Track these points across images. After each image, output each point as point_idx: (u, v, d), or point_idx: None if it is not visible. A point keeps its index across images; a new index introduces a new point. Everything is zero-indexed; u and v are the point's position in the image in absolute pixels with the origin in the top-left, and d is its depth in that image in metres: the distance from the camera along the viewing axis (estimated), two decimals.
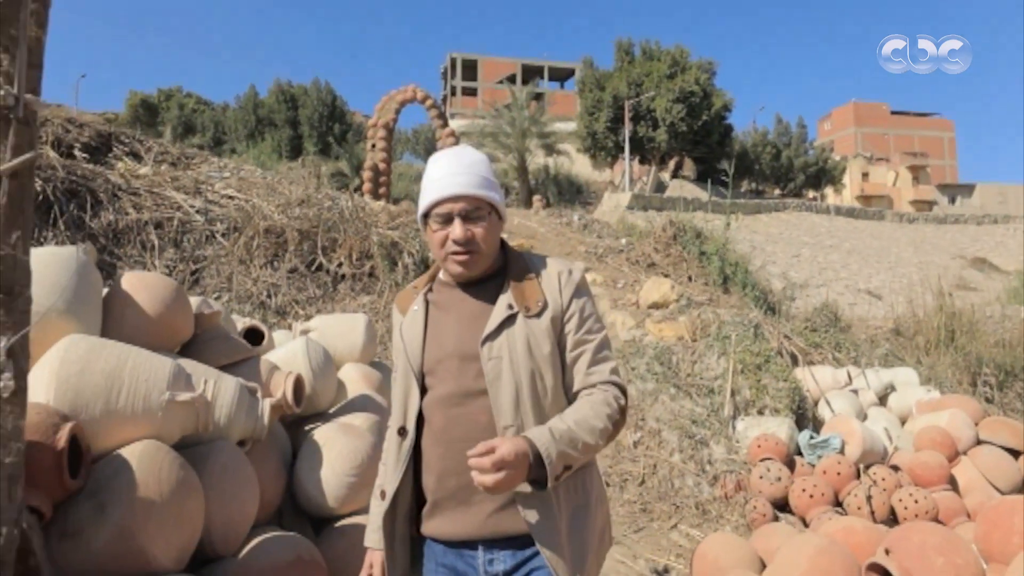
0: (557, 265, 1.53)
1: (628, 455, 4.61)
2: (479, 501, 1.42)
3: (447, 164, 1.50)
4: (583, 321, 1.47)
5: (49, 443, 1.71)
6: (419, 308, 1.56)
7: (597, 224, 14.63)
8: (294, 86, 36.71)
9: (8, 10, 1.49)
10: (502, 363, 1.42)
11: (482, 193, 1.46)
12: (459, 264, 1.48)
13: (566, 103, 46.91)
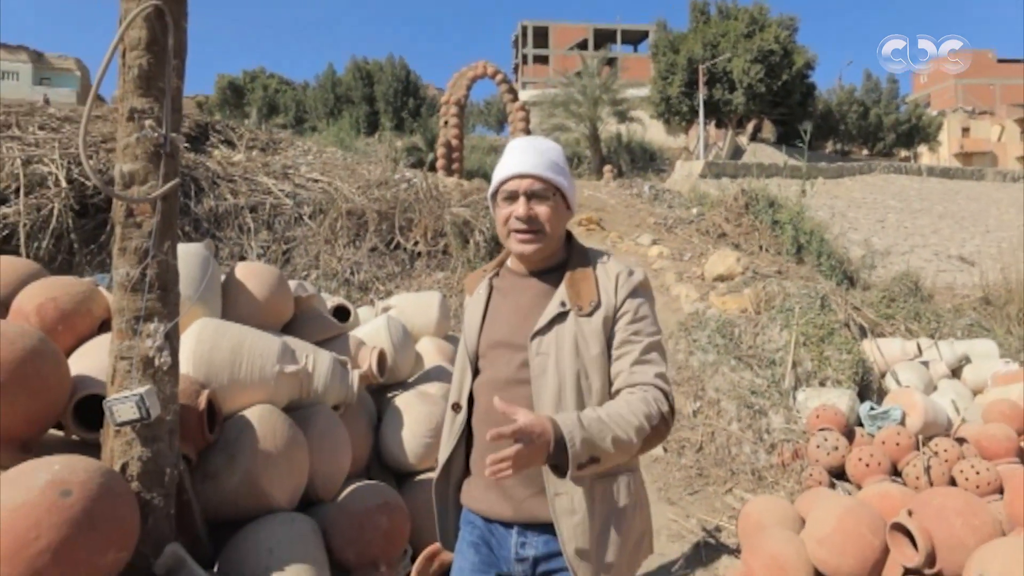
0: (618, 266, 1.51)
1: (687, 423, 4.84)
2: (511, 486, 1.43)
3: (520, 147, 1.53)
4: (634, 321, 1.44)
5: (193, 405, 2.16)
6: (482, 292, 1.59)
7: (668, 194, 14.53)
8: (369, 63, 37.55)
9: (156, 68, 1.89)
10: (548, 360, 1.41)
11: (549, 175, 1.47)
12: (521, 242, 1.48)
13: (639, 67, 45.80)
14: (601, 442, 1.26)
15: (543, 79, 45.35)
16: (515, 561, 1.45)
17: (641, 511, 1.48)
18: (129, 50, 1.90)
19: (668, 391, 1.40)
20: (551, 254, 1.52)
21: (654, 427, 1.33)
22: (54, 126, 7.94)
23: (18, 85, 43.19)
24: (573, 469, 1.23)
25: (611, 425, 1.29)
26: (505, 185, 1.49)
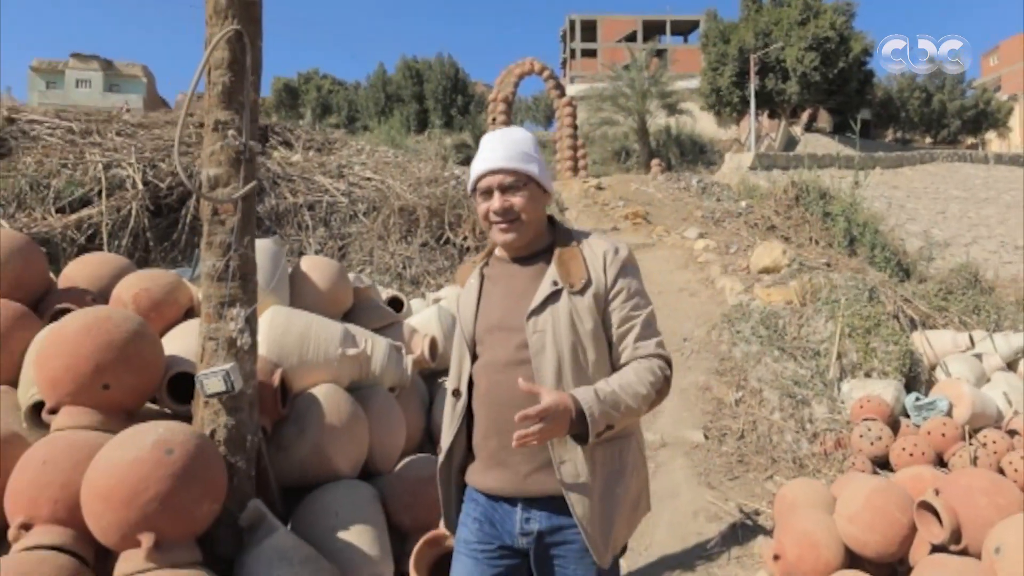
0: (603, 244, 1.58)
1: (729, 412, 4.94)
2: (516, 462, 1.50)
3: (489, 142, 1.59)
4: (629, 298, 1.53)
5: (268, 382, 2.43)
6: (474, 281, 1.66)
7: (717, 187, 14.42)
8: (419, 61, 38.17)
9: (236, 84, 2.15)
10: (546, 336, 1.48)
11: (518, 166, 1.53)
12: (502, 232, 1.55)
13: (689, 59, 45.11)
14: (615, 411, 1.41)
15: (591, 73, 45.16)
16: (520, 535, 1.52)
17: (638, 473, 1.57)
18: (214, 69, 2.17)
19: (668, 357, 1.54)
20: (534, 238, 1.59)
21: (658, 391, 1.48)
22: (129, 132, 8.50)
23: (90, 92, 45.53)
24: (593, 438, 1.39)
25: (623, 395, 1.43)
26: (480, 182, 1.57)
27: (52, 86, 46.73)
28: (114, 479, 1.83)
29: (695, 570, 3.12)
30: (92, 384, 2.13)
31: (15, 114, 8.43)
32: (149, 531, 1.81)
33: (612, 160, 27.15)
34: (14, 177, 6.65)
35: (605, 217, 11.42)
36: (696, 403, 5.08)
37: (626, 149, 27.83)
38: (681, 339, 6.17)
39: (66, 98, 42.55)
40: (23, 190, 6.58)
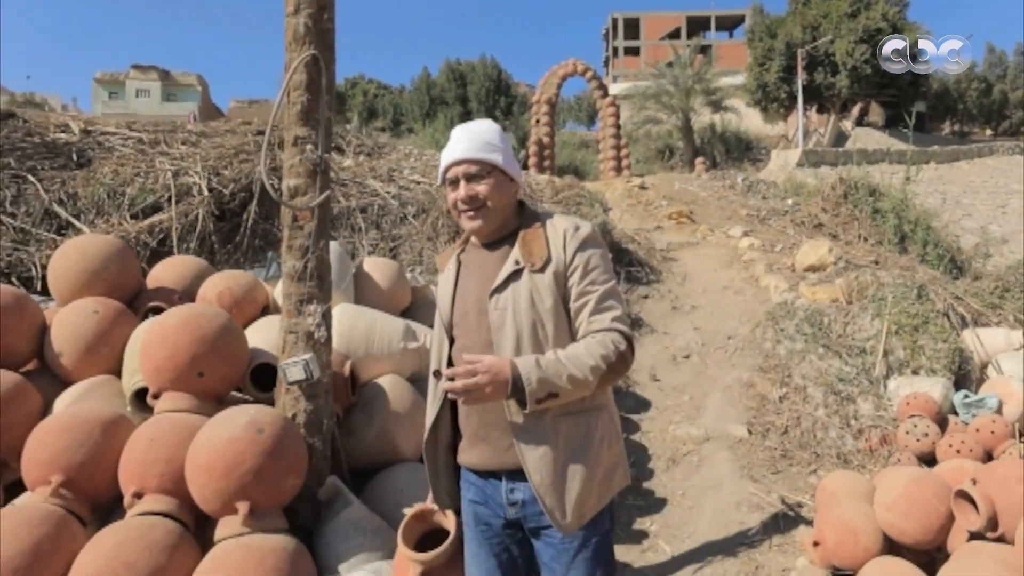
0: (564, 222, 1.62)
1: (772, 408, 5.02)
2: (497, 438, 1.57)
3: (456, 136, 1.67)
4: (587, 273, 1.56)
5: (339, 372, 2.68)
6: (452, 268, 1.72)
7: (763, 185, 14.28)
8: (462, 64, 38.59)
9: (313, 104, 2.40)
10: (507, 314, 1.54)
11: (481, 155, 1.59)
12: (469, 219, 1.62)
13: (735, 54, 44.41)
14: (557, 379, 1.43)
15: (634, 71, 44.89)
16: (507, 505, 1.60)
17: (610, 446, 1.60)
18: (293, 90, 2.42)
19: (625, 331, 1.54)
20: (502, 224, 1.65)
21: (610, 364, 1.48)
22: (193, 141, 8.97)
23: (149, 101, 47.44)
24: (531, 403, 1.42)
25: (567, 365, 1.45)
26: (447, 173, 1.64)
27: (114, 96, 48.85)
28: (214, 454, 2.09)
29: (737, 556, 3.25)
30: (189, 372, 2.41)
31: (91, 126, 9.02)
32: (244, 500, 2.07)
33: (655, 159, 27.02)
34: (93, 186, 7.16)
35: (649, 216, 11.48)
36: (740, 399, 5.17)
37: (670, 147, 27.65)
38: (725, 337, 6.25)
39: (127, 107, 44.43)
40: (101, 198, 7.06)
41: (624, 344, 1.51)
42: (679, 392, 5.40)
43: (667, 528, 3.61)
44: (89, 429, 2.33)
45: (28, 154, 7.85)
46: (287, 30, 2.45)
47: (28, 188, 7.17)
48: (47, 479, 2.22)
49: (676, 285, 7.74)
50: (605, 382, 1.50)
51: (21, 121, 8.98)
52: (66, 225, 6.94)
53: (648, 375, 5.61)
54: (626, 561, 3.26)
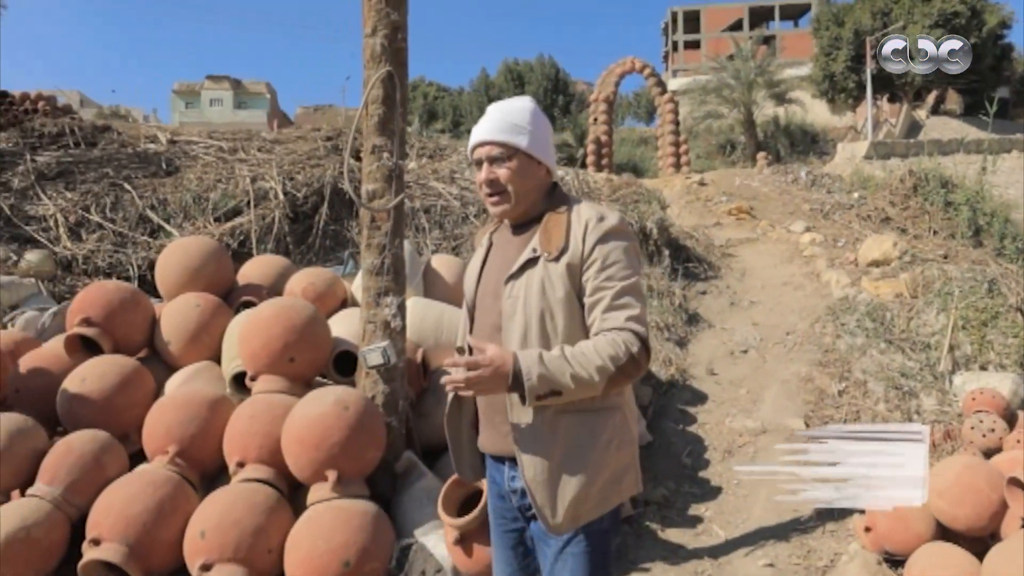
0: (590, 211, 1.54)
1: (831, 402, 5.03)
2: (500, 423, 1.52)
3: (486, 113, 1.61)
4: (604, 267, 1.47)
5: (412, 359, 2.94)
6: (483, 246, 1.69)
7: (828, 178, 13.95)
8: (520, 64, 38.89)
9: (389, 115, 2.66)
10: (518, 303, 1.49)
11: (504, 138, 1.52)
12: (492, 204, 1.58)
13: (799, 44, 43.09)
14: (560, 377, 1.36)
15: (694, 65, 44.14)
16: (510, 492, 1.56)
17: (619, 449, 1.51)
18: (370, 103, 2.69)
19: (640, 332, 1.44)
20: (528, 208, 1.58)
21: (619, 367, 1.39)
22: (268, 148, 9.54)
23: (222, 110, 49.70)
24: (531, 399, 1.36)
25: (572, 363, 1.37)
26: (473, 155, 1.59)
27: (190, 106, 51.40)
28: (306, 428, 2.38)
29: (789, 540, 3.34)
30: (282, 358, 2.71)
31: (176, 136, 9.71)
32: (333, 469, 2.34)
33: (716, 154, 26.58)
34: (181, 192, 7.74)
35: (708, 213, 11.44)
36: (798, 393, 5.21)
37: (731, 142, 27.13)
38: (783, 332, 6.25)
39: (201, 116, 46.68)
40: (188, 203, 7.64)
41: (637, 346, 1.42)
42: (736, 386, 5.46)
43: (721, 514, 3.73)
44: (198, 407, 2.67)
45: (123, 164, 8.56)
46: (364, 49, 2.72)
47: (125, 195, 7.82)
48: (164, 449, 2.56)
49: (734, 281, 7.74)
50: (614, 384, 1.42)
51: (116, 133, 9.77)
52: (158, 229, 7.54)
53: (705, 369, 5.70)
54: (680, 543, 3.41)
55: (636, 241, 1.58)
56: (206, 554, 2.27)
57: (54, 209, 7.22)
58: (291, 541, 2.30)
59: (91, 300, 3.09)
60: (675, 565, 3.18)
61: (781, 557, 3.20)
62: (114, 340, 3.09)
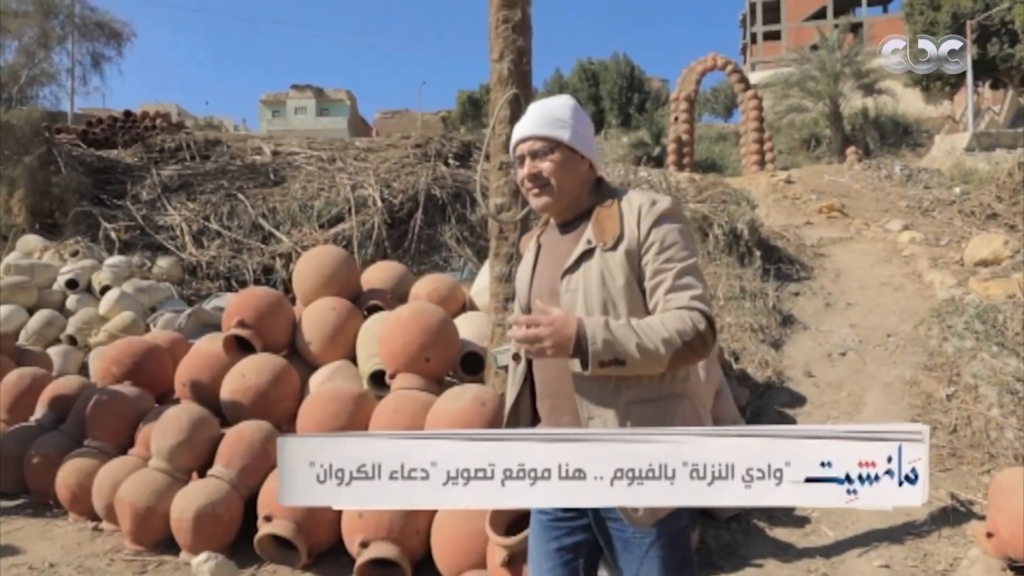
0: (642, 197, 1.54)
1: (939, 407, 4.92)
2: (566, 423, 1.48)
3: (528, 111, 1.63)
4: (663, 249, 1.46)
5: None
6: (532, 249, 1.68)
7: (924, 173, 13.33)
8: (594, 63, 38.76)
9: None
10: (577, 295, 1.47)
11: (546, 132, 1.54)
12: (534, 197, 1.57)
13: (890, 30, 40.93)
14: (626, 345, 1.34)
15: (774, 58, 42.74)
16: None
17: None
18: (498, 124, 2.91)
19: (706, 311, 1.42)
20: (572, 203, 1.58)
21: (686, 342, 1.37)
22: (362, 157, 10.05)
23: (306, 118, 51.86)
24: (593, 365, 1.32)
25: (638, 332, 1.36)
26: (515, 152, 1.60)
27: (276, 115, 53.84)
28: (449, 421, 2.62)
29: (903, 544, 3.35)
30: (419, 358, 2.98)
31: (279, 147, 10.36)
32: None
33: (800, 149, 25.70)
34: (288, 201, 8.30)
35: (796, 212, 11.18)
36: (902, 397, 5.12)
37: (815, 136, 26.16)
38: (884, 334, 6.13)
39: (287, 124, 48.82)
40: (295, 211, 8.18)
41: (704, 324, 1.40)
42: (836, 389, 5.42)
43: (829, 515, 3.76)
44: (344, 402, 2.97)
45: (235, 175, 9.23)
46: (492, 73, 2.94)
47: (238, 205, 8.45)
48: None
49: (829, 282, 7.60)
50: (679, 360, 1.39)
51: (225, 147, 10.51)
52: (269, 235, 8.12)
53: (802, 371, 5.67)
54: (789, 542, 3.47)
55: (690, 223, 1.62)
56: (363, 532, 2.54)
57: (179, 219, 7.90)
58: (437, 524, 2.55)
59: (245, 304, 3.46)
60: (787, 563, 3.25)
61: (896, 559, 3.22)
62: (263, 340, 3.44)
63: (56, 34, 9.06)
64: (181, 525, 2.70)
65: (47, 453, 3.25)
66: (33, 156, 7.58)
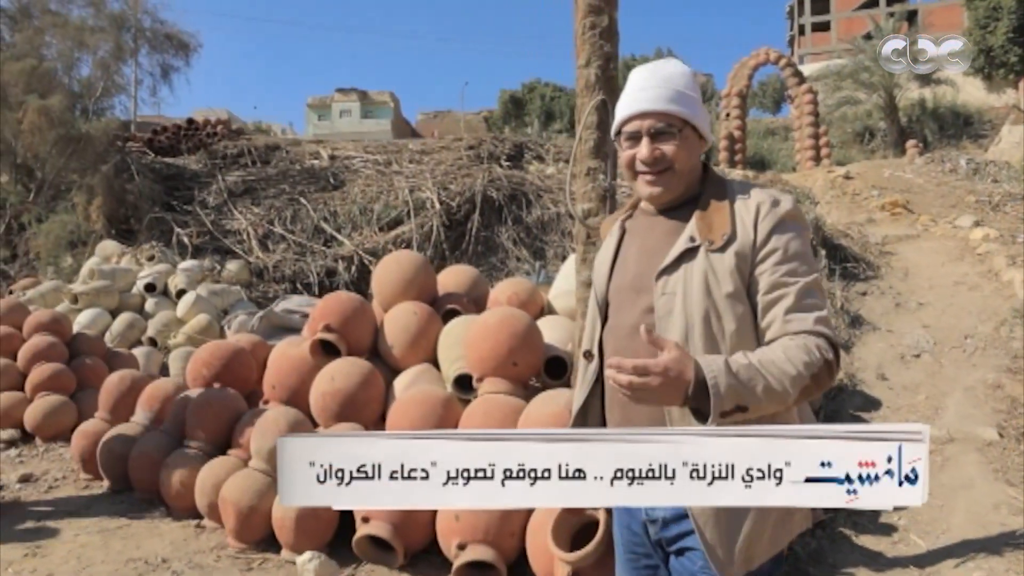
0: (761, 194, 1.33)
1: None
2: None
3: (640, 79, 1.39)
4: (785, 260, 1.26)
5: None
6: (614, 235, 1.48)
7: (993, 166, 12.81)
8: (637, 59, 38.38)
9: (602, 140, 2.88)
10: (675, 299, 1.29)
11: (673, 108, 1.32)
12: (648, 184, 1.36)
13: (948, 18, 39.54)
14: (751, 391, 1.15)
15: (823, 49, 41.65)
16: (647, 522, 1.36)
17: None
18: (585, 129, 2.93)
19: (832, 337, 1.24)
20: (684, 190, 1.38)
21: (814, 375, 1.19)
22: (417, 159, 10.19)
23: (351, 120, 52.69)
24: (715, 416, 1.12)
25: (764, 373, 1.17)
26: (626, 126, 1.37)
27: (322, 118, 54.84)
28: (543, 425, 2.65)
29: (1003, 555, 3.24)
30: (506, 362, 3.01)
31: (335, 151, 10.58)
32: None
33: (853, 143, 24.97)
34: (348, 205, 8.47)
35: (857, 208, 10.89)
36: (985, 401, 4.95)
37: (869, 129, 25.39)
38: (961, 336, 5.93)
39: (332, 127, 49.70)
40: (355, 215, 8.35)
41: (831, 353, 1.22)
42: (911, 392, 5.27)
43: (916, 524, 3.67)
44: (434, 405, 3.02)
45: (296, 180, 9.47)
46: (578, 79, 2.96)
47: (300, 209, 8.67)
48: None
49: (897, 281, 7.39)
50: (804, 395, 1.21)
51: (284, 152, 10.78)
52: (331, 239, 8.30)
53: (875, 374, 5.53)
54: (878, 550, 3.40)
55: (810, 228, 1.48)
56: (460, 535, 2.59)
57: (245, 223, 8.15)
58: (533, 526, 2.58)
59: (331, 309, 3.56)
60: (878, 572, 3.19)
61: (997, 570, 3.12)
62: (348, 344, 3.53)
63: (129, 47, 9.46)
64: (284, 524, 2.80)
65: (149, 453, 3.40)
66: (109, 165, 7.91)
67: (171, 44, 9.99)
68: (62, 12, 9.04)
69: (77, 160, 7.86)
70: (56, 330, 4.87)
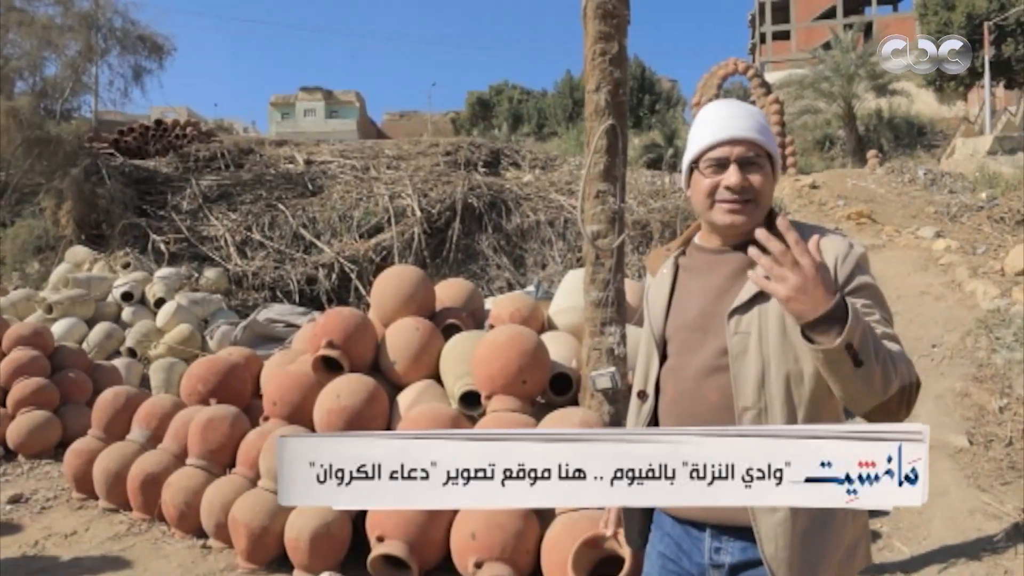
0: (836, 237, 1.31)
1: (993, 419, 4.98)
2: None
3: (725, 108, 1.38)
4: (874, 305, 1.24)
5: (626, 382, 3.22)
6: (668, 271, 1.45)
7: (948, 177, 13.37)
8: None
9: (611, 163, 2.95)
10: (749, 339, 1.27)
11: (761, 140, 1.31)
12: (730, 213, 1.31)
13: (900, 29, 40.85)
14: (871, 343, 1.10)
15: (783, 57, 42.66)
16: (710, 567, 1.33)
17: (856, 517, 1.32)
18: (594, 153, 3.00)
19: (916, 376, 1.21)
20: (758, 223, 1.33)
21: (902, 388, 1.16)
22: (395, 165, 10.15)
23: (315, 119, 51.90)
24: (843, 341, 1.05)
25: (885, 347, 1.14)
26: (711, 152, 1.33)
27: (285, 117, 53.88)
28: None
29: (981, 560, 3.42)
30: (516, 380, 3.06)
31: (311, 156, 10.47)
32: None
33: (813, 150, 25.72)
34: (327, 211, 8.40)
35: (824, 218, 11.24)
36: (955, 409, 5.18)
37: (828, 137, 26.19)
38: (929, 345, 6.19)
39: (296, 126, 48.89)
40: (334, 221, 8.28)
41: (915, 392, 1.20)
42: None
43: (898, 530, 3.83)
44: (443, 422, 3.05)
45: (273, 185, 9.34)
46: (588, 103, 3.03)
47: (279, 215, 8.56)
48: None
49: None
50: (882, 410, 1.17)
51: (258, 156, 10.62)
52: (310, 245, 8.22)
53: None
54: None
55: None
56: (477, 553, 2.63)
57: (223, 229, 8.01)
58: (548, 544, 2.63)
59: (332, 324, 3.55)
60: None
61: (979, 575, 3.29)
62: (351, 360, 3.53)
63: (99, 48, 9.19)
64: (298, 545, 2.79)
65: (149, 471, 3.35)
66: (79, 168, 7.70)
67: (144, 46, 9.75)
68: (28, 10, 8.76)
69: (45, 163, 7.62)
70: (38, 343, 4.73)
